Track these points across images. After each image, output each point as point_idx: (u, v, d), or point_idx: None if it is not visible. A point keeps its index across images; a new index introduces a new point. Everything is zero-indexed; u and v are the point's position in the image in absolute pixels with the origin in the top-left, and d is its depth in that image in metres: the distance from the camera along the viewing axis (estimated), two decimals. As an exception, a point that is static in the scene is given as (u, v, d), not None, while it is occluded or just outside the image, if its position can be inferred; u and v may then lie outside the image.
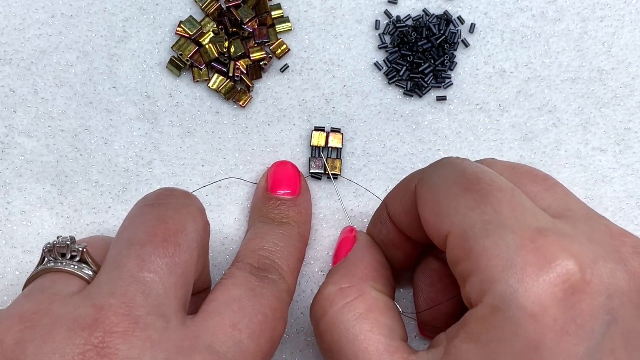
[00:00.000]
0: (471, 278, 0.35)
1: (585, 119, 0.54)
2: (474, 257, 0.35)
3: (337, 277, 0.43)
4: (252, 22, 0.53)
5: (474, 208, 0.36)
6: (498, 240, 0.35)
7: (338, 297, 0.42)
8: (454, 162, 0.40)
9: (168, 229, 0.38)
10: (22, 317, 0.35)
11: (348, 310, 0.41)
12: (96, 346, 0.33)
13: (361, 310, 0.41)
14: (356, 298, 0.41)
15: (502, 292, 0.33)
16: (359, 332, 0.40)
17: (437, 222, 0.38)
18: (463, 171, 0.39)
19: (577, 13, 0.54)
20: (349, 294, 0.42)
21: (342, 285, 0.42)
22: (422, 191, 0.40)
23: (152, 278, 0.36)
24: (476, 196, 0.37)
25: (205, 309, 0.39)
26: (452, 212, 0.37)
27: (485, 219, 0.36)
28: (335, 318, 0.41)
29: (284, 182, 0.51)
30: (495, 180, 0.38)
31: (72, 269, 0.38)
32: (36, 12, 0.53)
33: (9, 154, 0.52)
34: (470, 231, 0.36)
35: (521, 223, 0.35)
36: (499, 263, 0.34)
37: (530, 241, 0.34)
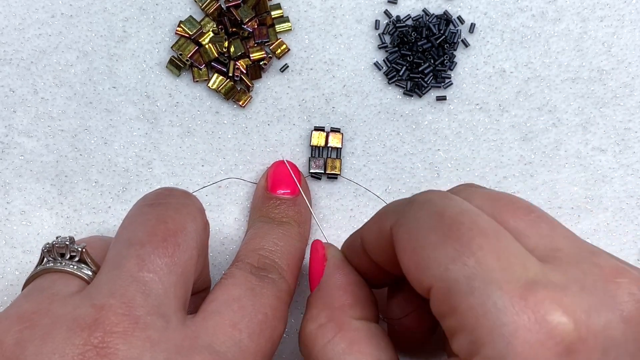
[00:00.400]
0: (459, 336, 0.33)
1: (585, 119, 0.54)
2: (459, 316, 0.33)
3: (315, 312, 0.41)
4: (252, 22, 0.53)
5: (455, 260, 0.33)
6: (484, 298, 0.32)
7: (319, 336, 0.40)
8: (432, 202, 0.37)
9: (168, 229, 0.38)
10: (22, 317, 0.35)
11: (330, 349, 0.39)
12: (96, 346, 0.33)
13: (343, 347, 0.39)
14: (336, 335, 0.39)
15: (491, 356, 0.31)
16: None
17: (417, 274, 0.35)
18: (441, 214, 0.36)
19: (577, 13, 0.54)
20: (329, 331, 0.40)
21: (320, 321, 0.40)
22: (399, 236, 0.37)
23: (151, 278, 0.36)
24: (457, 245, 0.34)
25: (205, 309, 0.39)
26: (433, 264, 0.34)
27: (468, 273, 0.33)
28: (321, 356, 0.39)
29: (284, 182, 0.51)
30: (478, 223, 0.35)
31: (71, 269, 0.38)
32: (36, 12, 0.53)
33: (9, 154, 0.52)
34: (454, 287, 0.33)
35: (508, 276, 0.32)
36: (486, 324, 0.32)
37: (520, 298, 0.31)
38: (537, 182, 0.53)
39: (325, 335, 0.40)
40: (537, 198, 0.53)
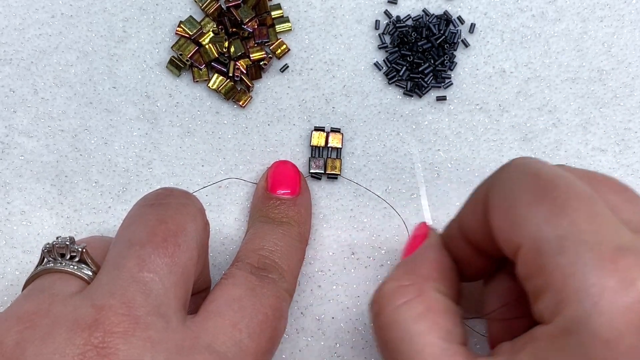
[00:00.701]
0: (544, 296, 0.33)
1: (585, 119, 0.54)
2: (547, 275, 0.33)
3: (399, 273, 0.41)
4: (252, 22, 0.53)
5: (548, 220, 0.34)
6: (574, 258, 0.32)
7: (397, 295, 0.39)
8: (528, 164, 0.37)
9: (168, 229, 0.38)
10: (22, 317, 0.35)
11: (406, 309, 0.39)
12: (96, 346, 0.33)
13: (419, 310, 0.38)
14: (415, 297, 0.39)
15: (576, 315, 0.32)
16: (415, 332, 0.38)
17: (508, 233, 0.36)
18: (537, 175, 0.36)
19: (577, 13, 0.54)
20: (409, 292, 0.39)
21: (402, 282, 0.40)
22: (493, 197, 0.37)
23: (152, 278, 0.36)
24: (551, 206, 0.34)
25: (205, 309, 0.39)
26: (525, 223, 0.35)
27: (560, 234, 0.33)
28: (392, 316, 0.39)
29: (284, 182, 0.51)
30: (573, 187, 0.35)
31: (71, 270, 0.38)
32: (36, 12, 0.53)
33: (9, 154, 0.52)
34: (545, 246, 0.33)
35: (600, 239, 0.33)
36: (574, 283, 0.32)
37: (610, 262, 0.32)
38: (537, 182, 0.53)
39: (404, 295, 0.39)
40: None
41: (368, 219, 0.53)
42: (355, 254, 0.52)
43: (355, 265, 0.52)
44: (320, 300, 0.52)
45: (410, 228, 0.52)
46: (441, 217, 0.53)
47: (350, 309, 0.52)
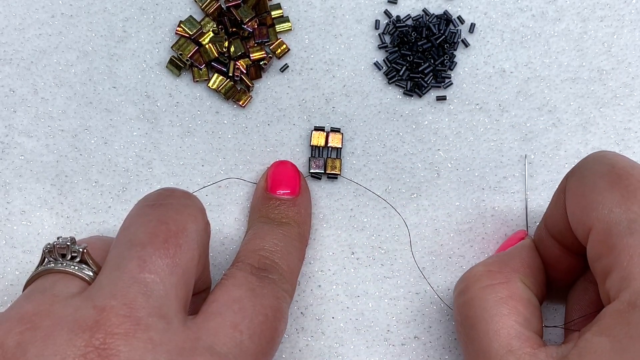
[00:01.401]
0: (611, 275, 0.36)
1: (585, 119, 0.54)
2: (615, 254, 0.35)
3: (490, 261, 0.45)
4: (252, 22, 0.53)
5: (620, 204, 0.36)
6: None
7: (484, 277, 0.42)
8: (605, 155, 0.40)
9: (169, 230, 0.38)
10: (23, 318, 0.35)
11: (490, 292, 0.42)
12: (97, 348, 0.33)
13: (503, 295, 0.41)
14: (501, 283, 0.42)
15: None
16: (496, 313, 0.40)
17: (581, 215, 0.38)
18: (613, 165, 0.39)
19: (577, 13, 0.54)
20: (496, 278, 0.42)
21: (491, 268, 0.43)
22: (570, 184, 0.40)
23: (153, 279, 0.36)
24: (624, 192, 0.37)
25: (206, 310, 0.39)
26: (598, 206, 0.37)
27: (631, 217, 0.36)
28: (476, 295, 0.42)
29: (284, 182, 0.51)
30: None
31: (72, 270, 0.38)
32: (36, 12, 0.53)
33: (9, 154, 0.52)
34: (615, 228, 0.36)
35: None
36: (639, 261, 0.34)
37: None
38: (537, 182, 0.53)
39: (491, 278, 0.43)
40: (537, 198, 0.53)
41: (368, 219, 0.53)
42: (355, 254, 0.52)
43: (355, 265, 0.52)
44: (320, 300, 0.52)
45: (409, 228, 0.52)
46: (441, 217, 0.53)
47: (350, 309, 0.52)
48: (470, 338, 0.41)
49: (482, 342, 0.40)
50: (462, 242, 0.52)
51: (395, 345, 0.51)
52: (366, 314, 0.52)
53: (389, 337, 0.51)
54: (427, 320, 0.52)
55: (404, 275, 0.52)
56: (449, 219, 0.53)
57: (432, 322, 0.52)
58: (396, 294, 0.52)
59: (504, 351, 0.39)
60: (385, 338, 0.51)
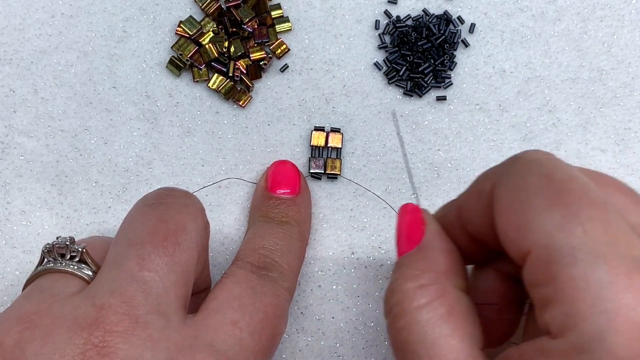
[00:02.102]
0: (553, 307, 0.32)
1: (585, 119, 0.54)
2: (558, 285, 0.32)
3: (416, 272, 0.39)
4: (252, 22, 0.53)
5: (561, 228, 0.32)
6: (588, 271, 0.31)
7: (418, 295, 0.37)
8: (539, 162, 0.36)
9: (168, 229, 0.38)
10: (22, 318, 0.35)
11: (428, 311, 0.37)
12: (96, 345, 0.33)
13: (442, 312, 0.37)
14: (437, 298, 0.37)
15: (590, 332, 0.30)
16: (439, 336, 0.36)
17: (516, 236, 0.34)
18: (550, 177, 0.34)
19: (577, 13, 0.54)
20: (430, 293, 0.37)
21: (422, 281, 0.38)
22: (500, 196, 0.36)
23: (152, 277, 0.36)
24: (565, 212, 0.32)
25: (205, 307, 0.39)
26: (536, 229, 0.33)
27: (573, 243, 0.32)
28: (412, 318, 0.37)
29: (284, 181, 0.51)
30: (587, 192, 0.33)
31: (71, 270, 0.38)
32: (36, 12, 0.53)
33: (9, 154, 0.52)
34: (556, 255, 0.32)
35: (614, 252, 0.31)
36: (587, 298, 0.30)
37: (625, 277, 0.30)
38: (537, 182, 0.53)
39: (425, 295, 0.37)
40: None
41: (368, 219, 0.53)
42: (355, 254, 0.52)
43: (355, 265, 0.52)
44: (320, 300, 0.52)
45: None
46: (441, 217, 0.53)
47: (350, 309, 0.52)
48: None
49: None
50: (462, 242, 0.52)
51: (395, 345, 0.51)
52: (366, 314, 0.52)
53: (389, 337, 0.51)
54: (427, 320, 0.52)
55: (404, 275, 0.52)
56: (449, 218, 0.53)
57: (432, 322, 0.52)
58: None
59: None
60: (386, 338, 0.51)
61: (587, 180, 0.34)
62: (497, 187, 0.36)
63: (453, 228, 0.41)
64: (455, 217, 0.40)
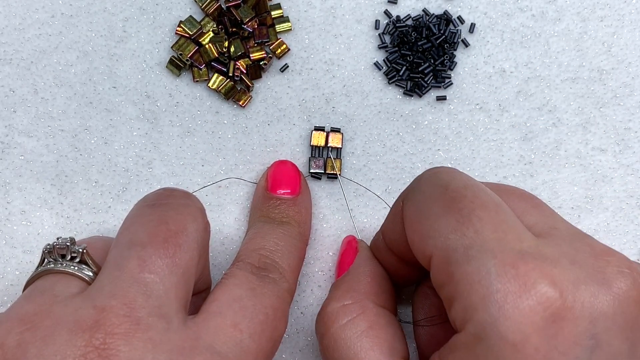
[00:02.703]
0: (455, 304, 0.35)
1: (585, 119, 0.54)
2: (456, 283, 0.34)
3: (340, 293, 0.43)
4: (252, 22, 0.53)
5: (455, 230, 0.35)
6: (479, 266, 0.34)
7: (341, 314, 0.42)
8: (438, 175, 0.39)
9: (169, 230, 0.38)
10: (23, 319, 0.35)
11: (350, 328, 0.41)
12: (97, 348, 0.33)
13: (363, 328, 0.41)
14: (358, 315, 0.41)
15: (483, 321, 0.33)
16: (360, 349, 0.40)
17: (420, 243, 0.37)
18: (446, 187, 0.38)
19: (577, 13, 0.54)
20: (352, 311, 0.42)
21: (344, 302, 0.42)
22: (407, 210, 0.39)
23: (153, 279, 0.36)
24: (458, 217, 0.36)
25: (206, 309, 0.39)
26: (435, 234, 0.36)
27: (466, 243, 0.35)
28: (337, 335, 0.41)
29: (284, 181, 0.51)
30: (480, 196, 0.37)
31: (72, 270, 0.38)
32: (36, 12, 0.53)
33: (9, 154, 0.52)
34: (452, 256, 0.35)
35: (503, 246, 0.34)
36: (480, 290, 0.33)
37: (511, 267, 0.33)
38: (537, 182, 0.53)
39: (347, 314, 0.41)
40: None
41: (368, 219, 0.53)
42: (355, 254, 0.52)
43: (355, 265, 0.52)
44: (320, 300, 0.52)
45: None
46: (441, 217, 0.53)
47: (350, 308, 0.52)
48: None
49: None
50: (462, 242, 0.52)
51: (395, 345, 0.51)
52: (366, 314, 0.52)
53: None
54: (427, 320, 0.52)
55: (404, 275, 0.52)
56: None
57: (432, 322, 0.52)
58: (396, 294, 0.52)
59: None
60: (385, 338, 0.51)
61: (482, 187, 0.37)
62: (404, 203, 0.40)
63: (382, 253, 0.45)
64: (382, 242, 0.45)
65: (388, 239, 0.44)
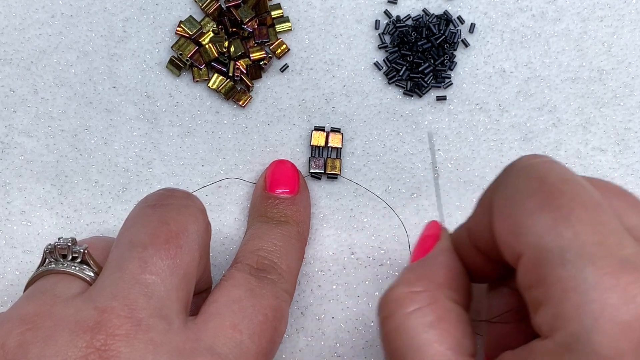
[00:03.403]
0: (543, 308, 0.32)
1: (585, 119, 0.54)
2: (547, 287, 0.32)
3: (412, 278, 0.39)
4: (252, 22, 0.53)
5: (551, 230, 0.32)
6: (575, 272, 0.31)
7: (408, 301, 0.38)
8: (533, 167, 0.36)
9: (170, 231, 0.38)
10: (24, 319, 0.35)
11: (417, 317, 0.37)
12: (98, 349, 0.33)
13: (430, 319, 0.37)
14: (428, 305, 0.38)
15: (576, 331, 0.31)
16: (425, 342, 0.36)
17: (510, 240, 0.34)
18: (542, 180, 0.34)
19: (577, 13, 0.54)
20: (421, 300, 0.38)
21: (415, 288, 0.39)
22: (496, 202, 0.36)
23: (154, 280, 0.36)
24: (556, 215, 0.33)
25: (205, 311, 0.39)
26: (527, 232, 0.33)
27: (563, 245, 0.32)
28: (402, 322, 0.37)
29: (282, 181, 0.51)
30: (579, 193, 0.33)
31: (73, 271, 0.38)
32: (36, 12, 0.53)
33: (9, 154, 0.52)
34: (546, 257, 0.32)
35: (603, 252, 0.31)
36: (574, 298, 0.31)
37: (611, 276, 0.31)
38: (537, 182, 0.53)
39: (416, 301, 0.38)
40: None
41: (368, 219, 0.53)
42: (355, 254, 0.52)
43: (355, 265, 0.52)
44: (320, 300, 0.52)
45: (409, 228, 0.52)
46: (441, 217, 0.53)
47: (350, 309, 0.52)
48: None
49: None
50: (462, 242, 0.52)
51: (395, 345, 0.51)
52: (366, 314, 0.52)
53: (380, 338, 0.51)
54: (427, 320, 0.52)
55: (404, 275, 0.52)
56: (449, 219, 0.53)
57: (432, 322, 0.52)
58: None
59: None
60: (385, 338, 0.51)
61: (582, 182, 0.34)
62: (494, 195, 0.36)
63: (465, 248, 0.41)
64: (466, 237, 0.41)
65: (473, 234, 0.40)
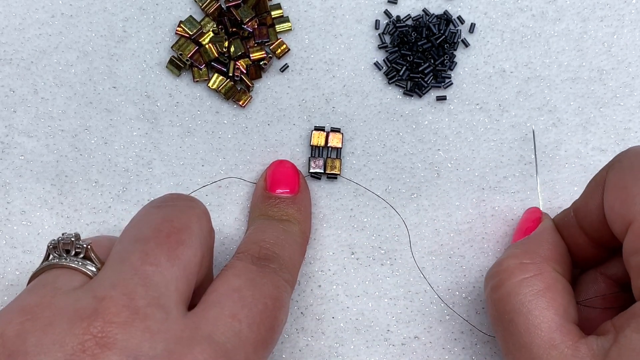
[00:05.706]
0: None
1: (585, 119, 0.54)
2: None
3: (519, 252, 0.44)
4: (252, 22, 0.53)
5: None
6: None
7: (517, 271, 0.42)
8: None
9: (172, 226, 0.39)
10: (24, 309, 0.35)
11: (526, 285, 0.41)
12: (95, 336, 0.34)
13: (539, 288, 0.41)
14: (536, 275, 0.42)
15: None
16: (535, 307, 0.40)
17: (621, 208, 0.38)
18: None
19: (577, 13, 0.54)
20: (529, 270, 0.42)
21: (523, 260, 0.43)
22: (611, 176, 0.40)
23: (153, 271, 0.36)
24: None
25: (205, 300, 0.39)
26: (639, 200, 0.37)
27: None
28: (512, 290, 0.42)
29: (283, 181, 0.51)
30: None
31: (76, 265, 0.38)
32: (36, 12, 0.54)
33: (9, 154, 0.52)
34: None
35: None
36: None
37: None
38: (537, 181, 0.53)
39: (525, 271, 0.42)
40: (537, 198, 0.53)
41: (368, 219, 0.53)
42: (355, 254, 0.52)
43: (355, 265, 0.52)
44: (320, 300, 0.52)
45: (409, 228, 0.52)
46: (441, 217, 0.53)
47: (350, 308, 0.52)
48: (510, 333, 0.41)
49: (523, 337, 0.40)
50: (462, 242, 0.52)
51: (395, 345, 0.51)
52: (366, 314, 0.52)
53: (389, 337, 0.51)
54: (427, 320, 0.52)
55: (403, 275, 0.52)
56: (449, 219, 0.53)
57: (432, 322, 0.52)
58: (396, 294, 0.52)
59: (547, 346, 0.39)
60: (385, 338, 0.51)
61: None
62: (609, 171, 0.40)
63: (569, 229, 0.45)
64: (573, 217, 0.44)
65: (580, 212, 0.44)
